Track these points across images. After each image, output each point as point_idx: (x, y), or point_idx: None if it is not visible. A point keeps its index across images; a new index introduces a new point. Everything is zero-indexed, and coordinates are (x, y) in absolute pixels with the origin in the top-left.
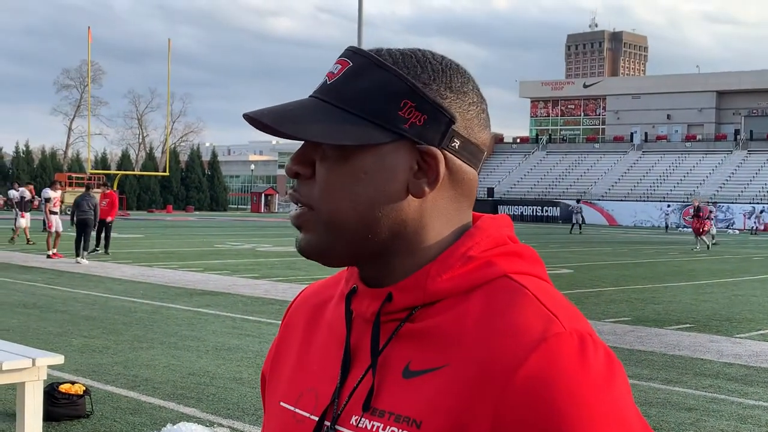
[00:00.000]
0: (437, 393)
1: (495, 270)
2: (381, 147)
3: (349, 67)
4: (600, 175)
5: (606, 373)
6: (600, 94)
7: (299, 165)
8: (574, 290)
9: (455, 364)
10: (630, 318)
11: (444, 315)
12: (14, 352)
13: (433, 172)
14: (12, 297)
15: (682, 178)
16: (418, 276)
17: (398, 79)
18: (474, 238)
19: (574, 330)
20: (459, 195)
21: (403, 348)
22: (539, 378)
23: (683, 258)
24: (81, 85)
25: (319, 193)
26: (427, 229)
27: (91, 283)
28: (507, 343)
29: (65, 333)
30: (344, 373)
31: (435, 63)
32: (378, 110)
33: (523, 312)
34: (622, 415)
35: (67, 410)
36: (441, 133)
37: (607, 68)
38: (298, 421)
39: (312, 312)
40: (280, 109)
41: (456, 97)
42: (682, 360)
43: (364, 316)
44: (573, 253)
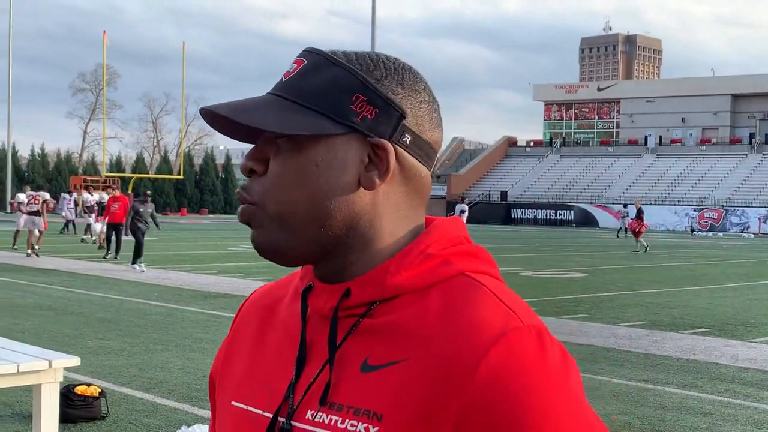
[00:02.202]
0: (399, 386)
1: (453, 268)
2: (333, 139)
3: (304, 64)
4: (614, 178)
5: (562, 365)
6: (614, 98)
7: (254, 161)
8: (588, 294)
9: (416, 358)
10: (645, 322)
11: (403, 311)
12: (31, 353)
13: (383, 165)
14: (28, 299)
15: (696, 181)
16: (377, 272)
17: (350, 74)
18: (432, 236)
19: (532, 325)
20: (411, 192)
21: (360, 343)
22: (500, 370)
23: (698, 262)
24: (96, 88)
25: (269, 189)
26: (380, 223)
27: (106, 285)
28: (468, 337)
29: (81, 335)
30: (299, 369)
31: (387, 62)
32: (330, 104)
33: (482, 307)
34: (578, 406)
35: (83, 412)
36: (392, 127)
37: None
38: (251, 419)
39: (264, 312)
40: (237, 103)
41: (407, 94)
42: (697, 364)
43: (321, 312)
44: (587, 257)
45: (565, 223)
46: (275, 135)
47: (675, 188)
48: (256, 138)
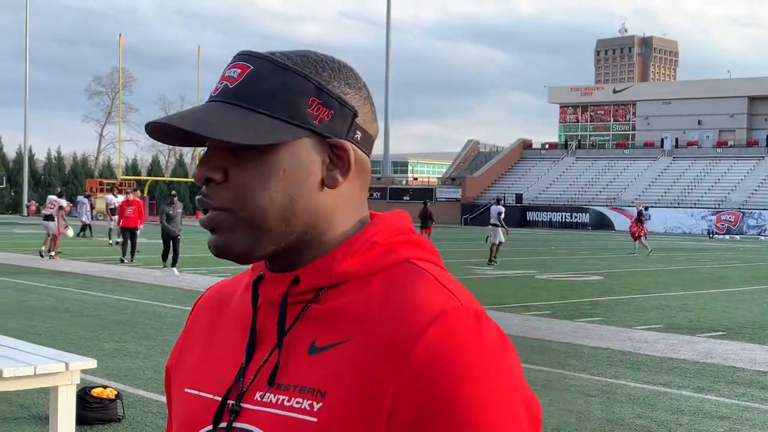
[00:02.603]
0: (341, 365)
1: (397, 255)
2: (294, 144)
3: (250, 70)
4: (630, 181)
5: (499, 345)
6: (630, 100)
7: (211, 171)
8: (604, 297)
9: (359, 338)
10: (662, 325)
11: (348, 296)
12: (48, 356)
13: (344, 163)
14: (44, 302)
15: (713, 184)
16: (325, 260)
17: (303, 79)
18: (377, 226)
19: (470, 307)
20: (362, 183)
21: (309, 327)
22: (438, 348)
23: (715, 265)
24: (112, 91)
25: (237, 197)
26: (336, 217)
27: (121, 288)
28: (408, 316)
29: (97, 337)
30: (249, 354)
31: (332, 63)
32: (287, 109)
33: (423, 290)
34: (513, 383)
35: (99, 414)
36: (347, 126)
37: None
38: (202, 404)
39: (217, 306)
40: (192, 115)
41: (355, 93)
42: (714, 368)
43: (271, 300)
44: (603, 260)
45: (581, 226)
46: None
47: (691, 191)
48: (199, 142)
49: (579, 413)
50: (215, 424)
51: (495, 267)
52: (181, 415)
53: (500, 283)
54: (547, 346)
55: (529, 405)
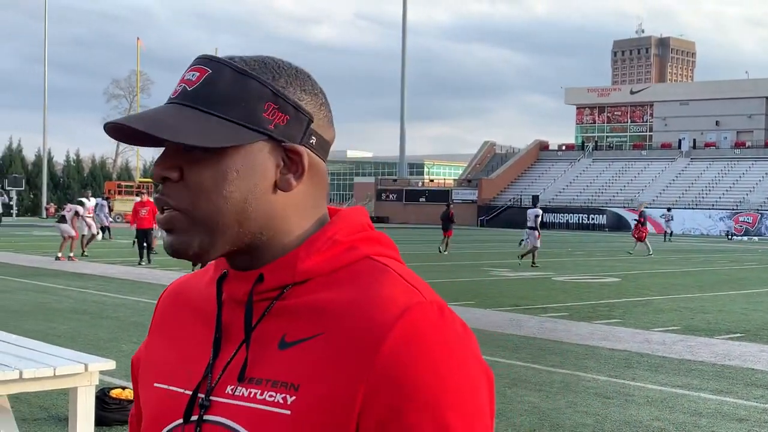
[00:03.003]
0: (313, 359)
1: (358, 252)
2: (249, 147)
3: (209, 74)
4: (647, 182)
5: (462, 334)
6: (647, 101)
7: (168, 170)
8: (621, 299)
9: (329, 333)
10: (679, 327)
11: (314, 293)
12: (67, 357)
13: (298, 167)
14: (64, 303)
15: (731, 185)
16: (288, 258)
17: (260, 84)
18: (337, 224)
19: (434, 300)
20: (317, 187)
21: (276, 324)
22: (405, 341)
23: (733, 266)
24: (130, 94)
25: (192, 197)
26: (292, 219)
27: (140, 289)
28: (375, 313)
29: (115, 339)
30: (216, 350)
31: (289, 69)
32: (244, 113)
33: (388, 286)
34: (477, 367)
35: (118, 415)
36: (302, 131)
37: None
38: (172, 398)
39: (180, 302)
40: (149, 116)
41: (310, 99)
42: (732, 370)
43: (236, 298)
44: (620, 262)
45: (598, 227)
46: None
47: (709, 192)
48: (160, 143)
49: (596, 415)
50: (186, 418)
51: (518, 268)
52: (151, 409)
53: (517, 284)
54: (564, 348)
55: (487, 383)
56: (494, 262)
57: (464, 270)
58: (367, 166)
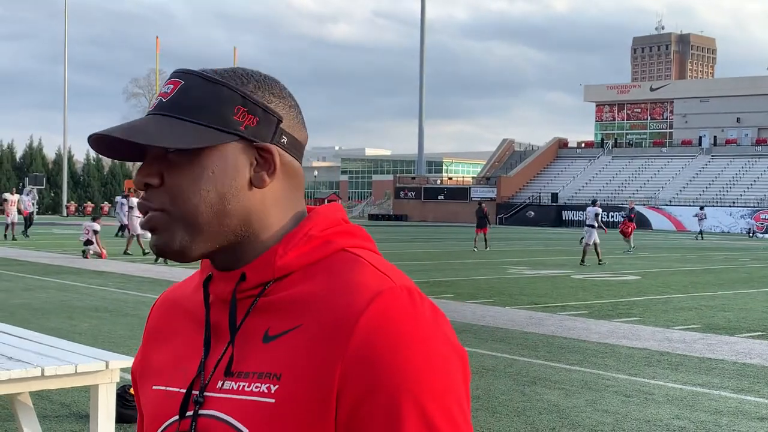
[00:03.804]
0: (293, 349)
1: (334, 245)
2: (223, 148)
3: (182, 85)
4: (667, 180)
5: (432, 315)
6: (667, 98)
7: (148, 177)
8: (641, 297)
9: (306, 323)
10: (700, 326)
11: (294, 287)
12: (88, 354)
13: (270, 165)
14: (85, 301)
15: (752, 182)
16: (267, 255)
17: (229, 90)
18: (313, 220)
19: (403, 285)
20: (294, 185)
21: (260, 319)
22: (377, 323)
23: (754, 264)
24: (149, 93)
25: (172, 197)
26: (269, 215)
27: (160, 287)
28: (348, 299)
29: (135, 336)
30: (206, 348)
31: (257, 76)
32: (215, 117)
33: (360, 274)
34: (449, 344)
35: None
36: (272, 131)
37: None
38: (169, 397)
39: (171, 309)
40: (127, 126)
41: (279, 101)
42: (753, 368)
43: (221, 297)
44: (640, 260)
45: (617, 225)
46: (167, 150)
47: (730, 189)
48: (142, 157)
49: (616, 414)
50: (182, 414)
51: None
52: (150, 409)
53: (536, 282)
54: (583, 347)
55: (459, 361)
56: (513, 260)
57: (483, 268)
58: (386, 163)
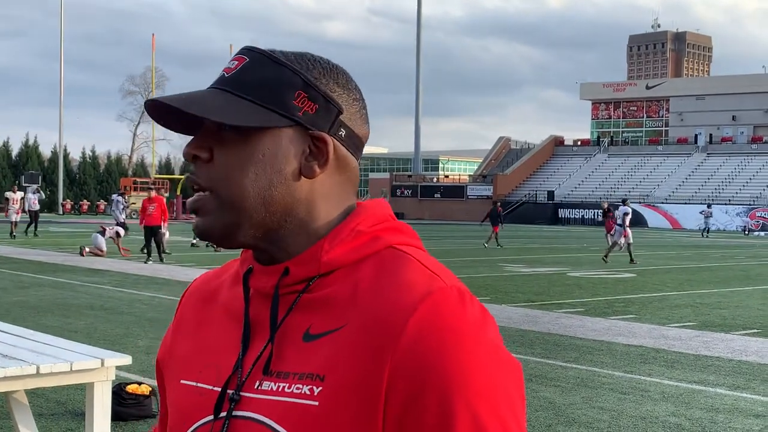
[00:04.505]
0: (338, 350)
1: (381, 242)
2: (277, 131)
3: (246, 62)
4: (663, 177)
5: (481, 318)
6: (663, 96)
7: (198, 149)
8: (637, 294)
9: (353, 322)
10: (695, 323)
11: (338, 284)
12: (83, 352)
13: (323, 155)
14: (80, 299)
15: (748, 180)
16: (313, 250)
17: (292, 73)
18: (360, 215)
19: (454, 285)
20: (344, 180)
21: (302, 316)
22: (427, 326)
23: (750, 262)
24: (145, 91)
25: (219, 176)
26: (317, 208)
27: (156, 285)
28: (397, 298)
29: (131, 334)
30: (245, 345)
31: (324, 63)
32: (275, 99)
33: (409, 273)
34: (497, 349)
35: (134, 410)
36: (330, 121)
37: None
38: (201, 395)
39: (204, 298)
40: (186, 96)
41: (342, 92)
42: (749, 366)
43: (262, 291)
44: (636, 257)
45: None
46: (222, 126)
47: (726, 187)
48: (195, 130)
49: (612, 411)
50: (216, 414)
51: (634, 265)
52: (178, 405)
53: (532, 280)
54: (579, 344)
55: (511, 367)
56: (509, 257)
57: (480, 265)
58: (382, 161)
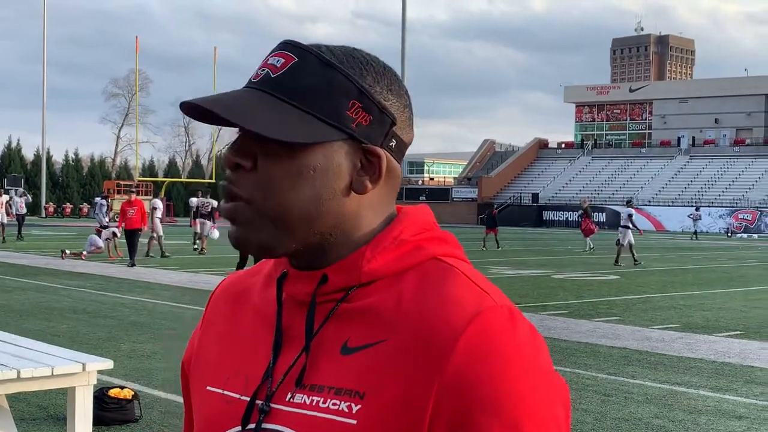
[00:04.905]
0: (380, 366)
1: (425, 252)
2: (329, 144)
3: (295, 62)
4: (646, 180)
5: (531, 340)
6: (646, 99)
7: (241, 157)
8: (620, 297)
9: (395, 338)
10: (678, 325)
11: (379, 294)
12: (65, 356)
13: (376, 170)
14: (62, 302)
15: (730, 183)
16: (353, 258)
17: (347, 80)
18: (403, 222)
19: (504, 304)
20: (390, 189)
21: (339, 327)
22: (476, 348)
23: (732, 264)
24: (129, 93)
25: (262, 188)
26: (362, 219)
27: (139, 289)
28: (445, 316)
29: (114, 338)
30: (276, 354)
31: (376, 65)
32: (327, 109)
33: (456, 289)
34: (548, 373)
35: (117, 415)
36: (384, 133)
37: (654, 72)
38: (228, 403)
39: (234, 300)
40: (227, 100)
41: (395, 100)
42: (731, 367)
43: (297, 298)
44: (620, 259)
45: (598, 225)
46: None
47: (709, 190)
48: (231, 123)
49: (596, 413)
50: (244, 425)
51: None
52: (204, 413)
53: (517, 282)
54: (563, 346)
55: (561, 392)
56: (494, 259)
57: None
58: None
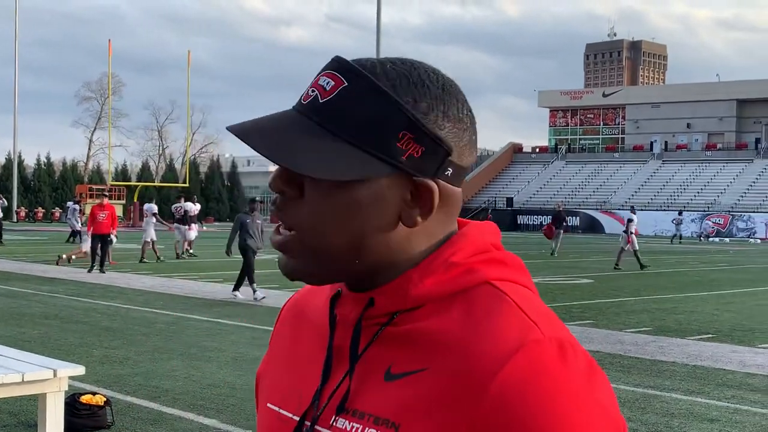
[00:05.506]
0: (416, 396)
1: (477, 276)
2: (378, 179)
3: (345, 87)
4: (620, 184)
5: (585, 377)
6: (619, 103)
7: (287, 185)
8: (593, 300)
9: (434, 368)
10: (651, 328)
11: (425, 320)
12: (35, 363)
13: (426, 204)
14: (33, 308)
15: (702, 187)
16: (401, 281)
17: (398, 110)
18: (457, 244)
19: (554, 337)
20: (447, 213)
21: (385, 351)
22: (517, 383)
23: (705, 268)
24: (101, 97)
25: (307, 220)
26: (413, 246)
27: (111, 294)
28: (486, 349)
29: (86, 344)
30: (326, 375)
31: (433, 87)
32: (376, 141)
33: (503, 319)
34: (602, 414)
35: (88, 421)
36: (437, 164)
37: (627, 77)
38: (282, 422)
39: (300, 315)
40: (268, 129)
41: (453, 126)
42: (704, 370)
43: (347, 320)
44: (593, 263)
45: (571, 229)
46: None
47: (681, 194)
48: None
49: None
50: None
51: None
52: (263, 430)
53: None
54: None
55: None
56: None
57: None
58: None
